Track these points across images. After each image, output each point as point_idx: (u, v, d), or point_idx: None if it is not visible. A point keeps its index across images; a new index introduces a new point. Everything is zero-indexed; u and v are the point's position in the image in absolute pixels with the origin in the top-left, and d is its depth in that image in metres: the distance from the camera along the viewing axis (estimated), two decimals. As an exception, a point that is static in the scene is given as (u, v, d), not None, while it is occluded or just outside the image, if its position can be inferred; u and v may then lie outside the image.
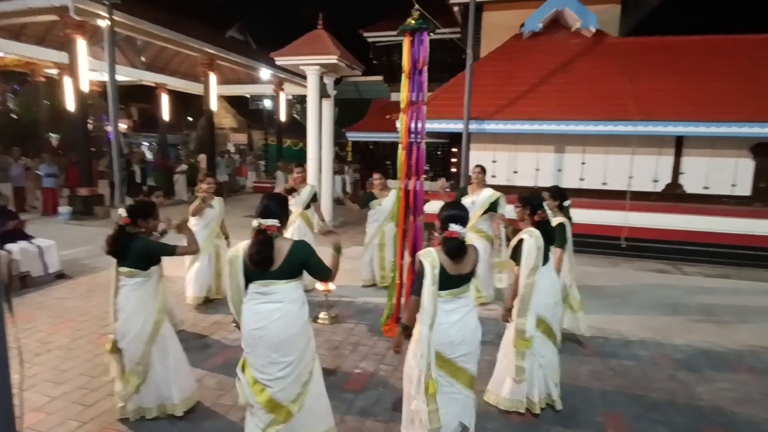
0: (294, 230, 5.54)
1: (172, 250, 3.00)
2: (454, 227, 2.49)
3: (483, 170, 5.32)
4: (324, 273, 2.61)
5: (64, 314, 4.83)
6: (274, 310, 2.46)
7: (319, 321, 4.74)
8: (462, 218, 2.56)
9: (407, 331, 2.66)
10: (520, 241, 3.15)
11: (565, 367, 3.83)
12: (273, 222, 2.47)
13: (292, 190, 5.63)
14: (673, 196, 8.27)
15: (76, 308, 5.01)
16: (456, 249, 2.51)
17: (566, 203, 4.22)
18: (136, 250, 2.92)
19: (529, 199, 3.26)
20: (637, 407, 3.31)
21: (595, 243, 7.84)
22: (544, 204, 3.40)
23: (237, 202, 13.86)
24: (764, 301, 5.80)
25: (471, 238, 5.19)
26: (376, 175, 5.92)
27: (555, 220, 3.87)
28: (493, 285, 5.32)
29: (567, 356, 4.00)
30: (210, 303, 5.20)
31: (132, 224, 2.97)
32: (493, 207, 5.14)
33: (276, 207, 2.54)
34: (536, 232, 3.11)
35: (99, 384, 3.43)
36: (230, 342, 4.24)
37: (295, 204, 5.54)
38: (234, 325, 2.63)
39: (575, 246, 4.43)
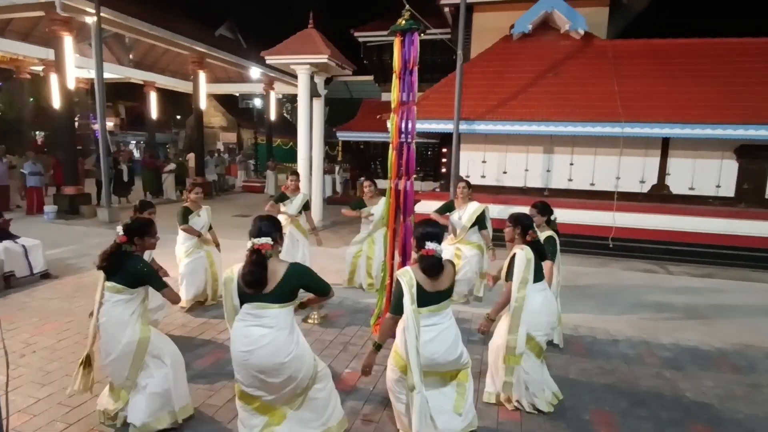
0: (287, 237, 5.46)
1: (161, 286, 2.87)
2: (430, 245, 2.55)
3: (468, 185, 5.39)
4: (324, 289, 2.61)
5: (49, 315, 4.76)
6: (263, 336, 2.41)
7: (309, 321, 4.73)
8: (437, 235, 2.61)
9: (378, 350, 2.73)
10: (513, 256, 3.19)
11: (554, 366, 3.87)
12: (266, 240, 2.43)
13: (282, 198, 5.61)
14: (660, 197, 8.40)
15: (61, 309, 4.93)
16: (433, 266, 2.56)
17: (553, 217, 4.24)
18: (130, 268, 2.82)
19: (520, 219, 3.30)
20: (625, 404, 3.36)
21: (583, 243, 7.94)
22: (533, 219, 3.52)
23: (227, 202, 13.78)
24: (748, 299, 5.91)
25: (461, 248, 5.24)
26: (366, 183, 5.89)
27: (543, 234, 3.92)
28: (474, 291, 5.43)
29: (556, 354, 4.05)
30: (201, 305, 5.16)
31: (129, 242, 2.88)
32: (480, 219, 5.23)
33: (269, 227, 2.50)
34: (528, 249, 3.17)
35: (85, 385, 3.38)
36: (219, 343, 4.21)
37: (287, 210, 5.54)
38: None
39: (563, 246, 4.48)
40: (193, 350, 4.05)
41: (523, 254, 3.13)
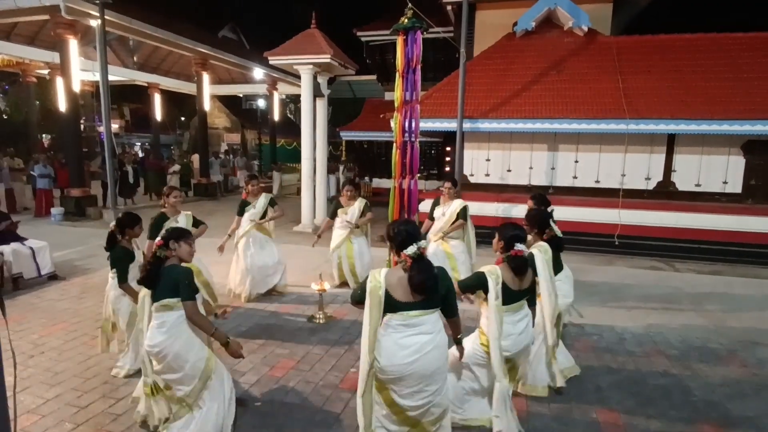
0: (250, 241, 5.37)
1: (191, 297, 2.61)
2: (519, 246, 2.78)
3: (454, 184, 5.42)
4: (456, 308, 2.58)
5: (57, 316, 4.79)
6: (427, 343, 2.39)
7: (315, 320, 4.74)
8: (524, 238, 2.84)
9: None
10: (529, 255, 3.19)
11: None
12: (426, 244, 2.49)
13: (244, 205, 5.36)
14: (666, 194, 8.34)
15: (69, 310, 4.97)
16: (522, 266, 2.79)
17: (550, 209, 4.19)
18: (174, 277, 2.62)
19: (537, 219, 3.44)
20: (632, 402, 3.34)
21: (589, 240, 7.90)
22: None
23: (232, 203, 13.79)
24: (756, 296, 5.86)
25: (451, 243, 5.25)
26: (347, 187, 5.72)
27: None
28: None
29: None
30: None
31: (164, 247, 2.69)
32: (461, 214, 5.22)
33: (417, 229, 2.49)
34: (545, 246, 3.29)
35: (92, 386, 3.41)
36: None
37: (250, 216, 5.34)
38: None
39: (567, 244, 4.45)
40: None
41: (541, 256, 3.23)
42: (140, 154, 21.30)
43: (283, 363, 3.84)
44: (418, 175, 4.45)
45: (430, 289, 2.35)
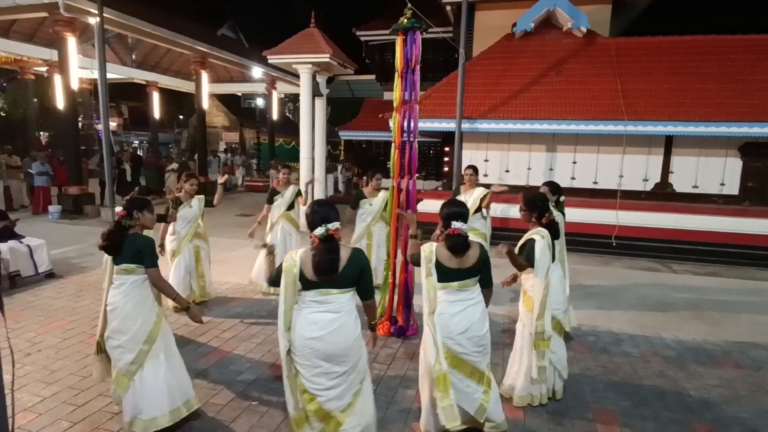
0: (278, 231, 5.50)
1: (152, 265, 2.85)
2: (456, 224, 2.65)
3: (475, 171, 5.41)
4: (371, 291, 2.60)
5: (54, 314, 4.79)
6: (333, 320, 2.42)
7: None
8: (463, 215, 2.71)
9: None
10: (529, 241, 3.16)
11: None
12: (339, 225, 2.45)
13: (274, 193, 5.52)
14: (663, 195, 8.37)
15: (66, 308, 4.96)
16: (458, 245, 2.64)
17: (562, 199, 4.28)
18: (134, 245, 2.83)
19: (536, 203, 3.26)
20: (627, 403, 3.36)
21: (586, 241, 7.92)
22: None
23: (230, 201, 13.79)
24: (752, 298, 5.89)
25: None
26: (377, 175, 5.71)
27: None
28: None
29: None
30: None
31: (127, 216, 2.87)
32: (483, 200, 5.23)
33: (336, 212, 2.49)
34: (545, 232, 3.16)
35: (89, 384, 3.41)
36: (220, 343, 4.23)
37: (278, 205, 5.52)
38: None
39: (567, 245, 4.47)
40: (196, 349, 4.07)
41: (543, 243, 3.10)
42: (139, 152, 21.19)
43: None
44: (417, 175, 4.45)
45: (326, 271, 2.38)
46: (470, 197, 5.24)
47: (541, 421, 3.09)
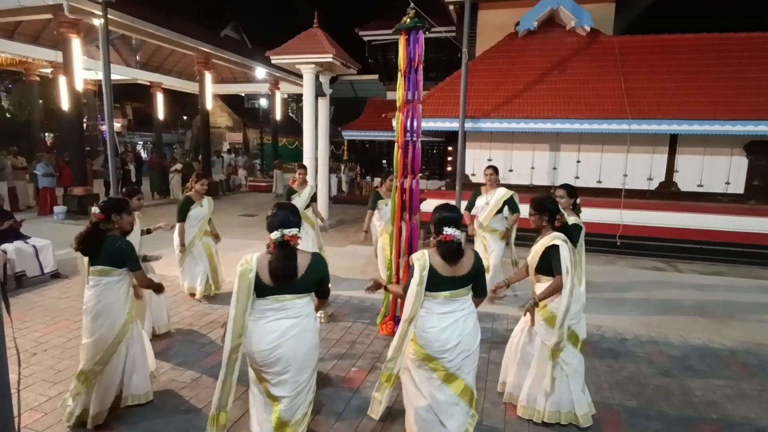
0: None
1: (135, 268, 2.95)
2: (448, 230, 2.47)
3: (495, 171, 5.36)
4: (327, 291, 2.65)
5: (60, 314, 4.81)
6: (291, 326, 2.39)
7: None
8: (456, 220, 2.52)
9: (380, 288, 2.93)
10: (551, 248, 2.95)
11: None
12: (296, 231, 2.39)
13: (291, 192, 5.60)
14: (668, 194, 8.33)
15: (71, 308, 4.99)
16: (452, 252, 2.46)
17: (578, 201, 4.17)
18: (111, 248, 2.87)
19: (546, 205, 3.06)
20: (633, 403, 3.34)
21: (591, 241, 7.79)
22: (561, 201, 3.42)
23: (233, 201, 13.85)
24: (758, 298, 5.85)
25: (486, 237, 5.18)
26: (391, 176, 5.75)
27: (570, 220, 3.82)
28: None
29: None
30: (209, 299, 5.24)
31: (105, 220, 2.88)
32: (509, 204, 5.17)
33: (295, 216, 2.44)
34: (564, 236, 2.96)
35: (95, 383, 3.42)
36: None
37: (296, 204, 5.57)
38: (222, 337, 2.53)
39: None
40: (201, 349, 4.09)
41: (567, 248, 2.89)
42: (143, 153, 21.33)
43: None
44: (420, 174, 4.44)
45: (282, 277, 2.34)
46: (492, 197, 5.21)
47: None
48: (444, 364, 2.51)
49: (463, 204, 5.78)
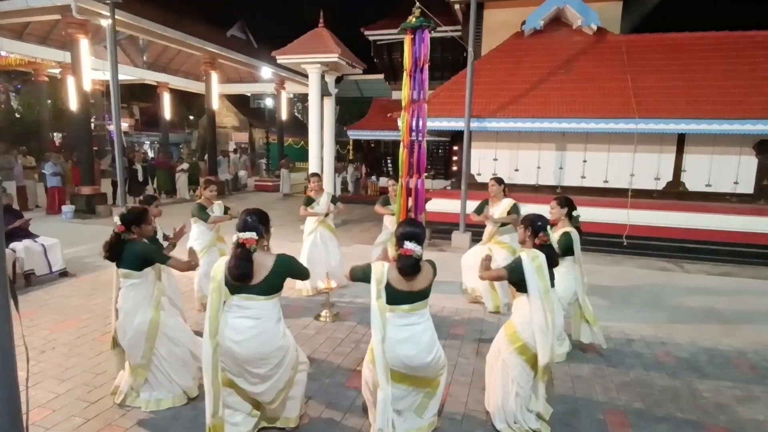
0: (317, 238, 5.62)
1: (164, 260, 3.13)
2: (408, 245, 2.52)
3: (499, 182, 5.22)
4: (306, 274, 2.86)
5: (68, 312, 4.86)
6: (251, 327, 2.52)
7: (321, 319, 4.76)
8: (417, 235, 2.57)
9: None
10: (516, 259, 2.94)
11: (567, 365, 3.84)
12: (251, 235, 2.53)
13: (309, 201, 5.69)
14: (675, 194, 8.26)
15: (80, 306, 5.03)
16: (408, 267, 2.52)
17: (576, 214, 4.12)
18: (131, 252, 3.07)
19: (533, 222, 3.02)
20: (640, 405, 3.32)
21: (597, 241, 7.84)
22: (552, 212, 3.45)
23: (240, 201, 13.89)
24: (766, 299, 5.78)
25: (491, 249, 4.99)
26: (390, 182, 5.80)
27: (561, 231, 3.88)
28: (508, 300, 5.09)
29: (569, 354, 4.00)
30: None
31: (126, 231, 3.09)
32: (513, 212, 5.08)
33: (255, 221, 2.58)
34: (535, 252, 2.90)
35: (103, 381, 3.46)
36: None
37: (315, 212, 5.63)
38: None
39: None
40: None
41: (532, 266, 2.81)
42: (150, 153, 21.43)
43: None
44: (425, 174, 4.44)
45: (236, 277, 2.49)
46: (497, 209, 5.14)
47: (551, 421, 3.06)
48: (399, 370, 2.61)
49: (471, 205, 5.77)
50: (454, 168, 10.10)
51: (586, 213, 7.77)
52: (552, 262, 2.97)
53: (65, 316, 4.76)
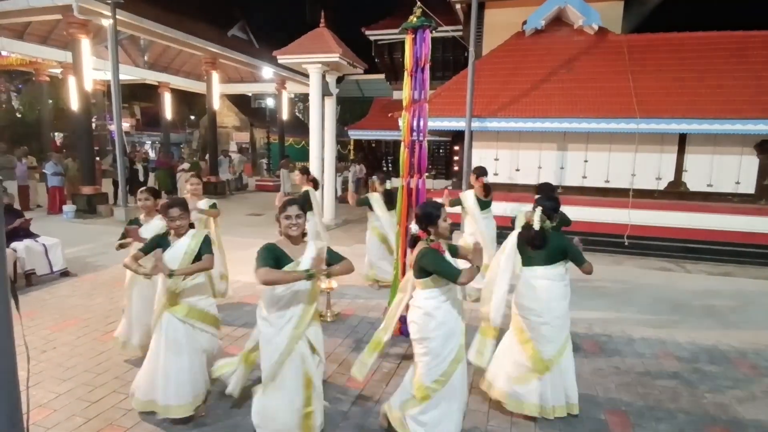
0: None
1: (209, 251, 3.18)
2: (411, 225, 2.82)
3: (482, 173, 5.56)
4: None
5: (69, 312, 4.86)
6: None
7: (322, 318, 4.75)
8: (416, 216, 2.85)
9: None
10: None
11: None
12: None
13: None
14: (677, 194, 8.25)
15: (80, 306, 5.04)
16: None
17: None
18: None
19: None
20: (641, 405, 3.31)
21: (598, 241, 7.84)
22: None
23: (241, 201, 13.91)
24: (767, 299, 5.78)
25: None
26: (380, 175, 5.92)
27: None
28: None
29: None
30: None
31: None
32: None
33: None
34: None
35: (104, 381, 3.46)
36: (230, 340, 4.26)
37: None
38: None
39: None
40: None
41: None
42: (151, 153, 21.44)
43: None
44: (426, 174, 4.44)
45: None
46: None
47: (552, 421, 3.06)
48: None
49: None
50: (455, 168, 10.09)
51: (588, 213, 7.83)
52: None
53: (66, 315, 4.76)
